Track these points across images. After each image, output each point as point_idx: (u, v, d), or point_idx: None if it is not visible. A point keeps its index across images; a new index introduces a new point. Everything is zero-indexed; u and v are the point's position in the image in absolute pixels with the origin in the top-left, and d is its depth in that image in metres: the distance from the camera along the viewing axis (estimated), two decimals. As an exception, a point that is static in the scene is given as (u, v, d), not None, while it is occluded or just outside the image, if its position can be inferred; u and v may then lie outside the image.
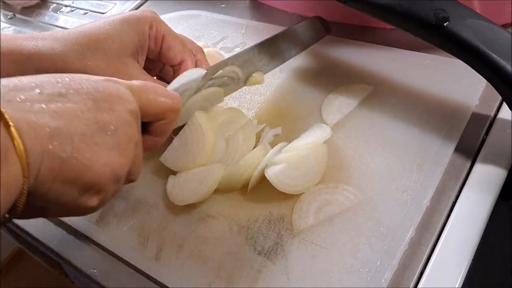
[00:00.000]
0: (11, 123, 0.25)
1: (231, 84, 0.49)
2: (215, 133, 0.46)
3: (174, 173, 0.46)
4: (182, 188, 0.45)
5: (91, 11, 0.84)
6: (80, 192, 0.30)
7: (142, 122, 0.36)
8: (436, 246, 0.37)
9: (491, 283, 0.37)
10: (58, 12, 0.87)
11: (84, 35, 0.42)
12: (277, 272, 0.39)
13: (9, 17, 0.90)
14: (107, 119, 0.31)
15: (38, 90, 0.29)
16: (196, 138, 0.45)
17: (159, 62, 0.50)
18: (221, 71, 0.46)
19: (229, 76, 0.47)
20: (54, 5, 0.89)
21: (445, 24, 0.39)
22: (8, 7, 0.92)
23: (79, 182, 0.29)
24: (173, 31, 0.48)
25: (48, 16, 0.86)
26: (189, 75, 0.42)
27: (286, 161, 0.42)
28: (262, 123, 0.50)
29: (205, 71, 0.44)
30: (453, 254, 0.36)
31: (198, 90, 0.45)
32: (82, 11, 0.84)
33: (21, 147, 0.26)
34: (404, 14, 0.41)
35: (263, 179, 0.43)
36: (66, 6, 0.87)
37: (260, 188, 0.44)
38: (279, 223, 0.42)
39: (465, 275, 0.35)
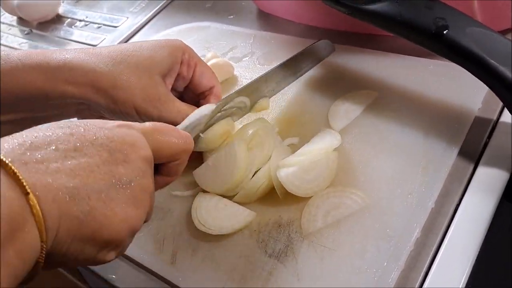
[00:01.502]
0: (29, 191, 0.25)
1: (239, 113, 0.50)
2: (247, 162, 0.46)
3: (194, 186, 0.48)
4: (210, 216, 0.45)
5: (104, 25, 0.86)
6: (98, 249, 0.30)
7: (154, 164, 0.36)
8: (441, 247, 0.38)
9: (494, 283, 0.38)
10: (72, 26, 0.90)
11: (117, 50, 0.43)
12: (288, 273, 0.40)
13: (26, 32, 0.94)
14: (122, 172, 0.31)
15: (53, 147, 0.28)
16: (228, 166, 0.45)
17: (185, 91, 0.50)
18: (231, 103, 0.48)
19: (238, 106, 0.49)
20: (69, 20, 0.92)
21: (444, 32, 0.41)
22: (24, 23, 0.95)
23: (97, 240, 0.29)
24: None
25: (63, 30, 0.89)
26: (199, 112, 0.43)
27: (298, 164, 0.44)
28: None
29: (215, 106, 0.45)
30: (457, 255, 0.38)
31: (208, 123, 0.46)
32: (96, 25, 0.87)
33: (40, 213, 0.25)
34: (405, 23, 0.43)
35: (272, 185, 0.45)
36: (80, 20, 0.90)
37: (270, 193, 0.46)
38: (288, 227, 0.43)
39: (468, 275, 0.36)
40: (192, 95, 0.49)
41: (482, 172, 0.42)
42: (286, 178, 0.43)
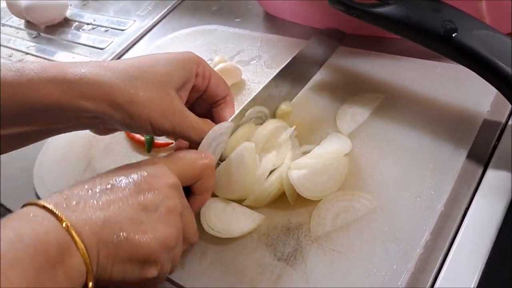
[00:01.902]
0: (68, 224, 0.31)
1: (260, 122, 0.51)
2: (256, 165, 0.46)
3: None
4: (219, 220, 0.45)
5: (111, 28, 0.87)
6: (139, 267, 0.34)
7: (186, 186, 0.40)
8: (450, 250, 0.38)
9: (505, 286, 0.38)
10: (80, 30, 0.91)
11: (133, 65, 0.43)
12: (297, 277, 0.40)
13: (33, 36, 0.95)
14: (149, 199, 0.35)
15: (90, 191, 0.35)
16: (238, 171, 0.45)
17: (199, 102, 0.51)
18: (246, 114, 0.49)
19: (257, 116, 0.50)
20: (76, 23, 0.93)
21: (453, 35, 0.41)
22: (32, 26, 0.96)
23: (134, 259, 0.33)
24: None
25: (71, 34, 0.90)
26: (218, 130, 0.45)
27: (310, 167, 0.44)
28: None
29: (232, 123, 0.46)
30: (467, 258, 0.37)
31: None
32: (103, 29, 0.88)
33: (80, 241, 0.31)
34: (413, 25, 0.43)
35: (283, 190, 0.45)
36: (87, 24, 0.91)
37: (279, 197, 0.46)
38: (297, 230, 0.43)
39: (479, 279, 0.36)
40: (204, 103, 0.50)
41: (491, 175, 0.42)
42: (298, 180, 0.44)
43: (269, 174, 0.46)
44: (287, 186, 0.45)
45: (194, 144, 0.45)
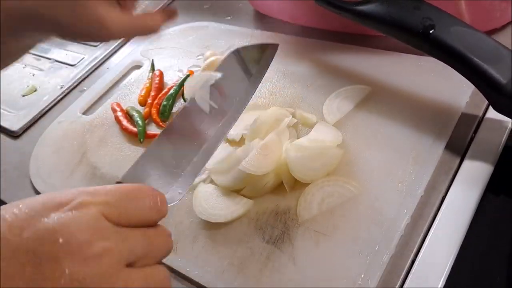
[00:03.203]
0: None
1: None
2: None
3: None
4: (210, 205, 0.47)
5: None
6: None
7: None
8: (429, 234, 0.41)
9: (477, 267, 0.40)
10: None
11: None
12: (285, 258, 0.43)
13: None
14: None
15: None
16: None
17: None
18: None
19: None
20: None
21: (431, 32, 0.43)
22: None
23: None
24: None
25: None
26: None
27: (307, 151, 0.46)
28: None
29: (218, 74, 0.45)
30: (444, 241, 0.40)
31: None
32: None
33: None
34: (393, 23, 0.45)
35: (280, 180, 0.48)
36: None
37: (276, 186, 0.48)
38: (285, 214, 0.46)
39: (454, 260, 0.39)
40: None
41: (468, 165, 0.45)
42: (293, 160, 0.46)
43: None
44: (285, 173, 0.47)
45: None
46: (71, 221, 0.25)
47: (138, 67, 0.74)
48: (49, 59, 0.85)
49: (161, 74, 0.68)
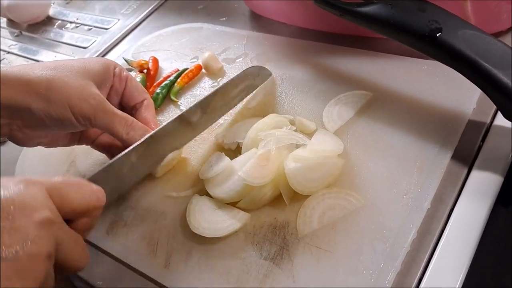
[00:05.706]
0: None
1: None
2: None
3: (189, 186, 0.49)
4: (205, 219, 0.45)
5: (95, 27, 0.86)
6: None
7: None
8: (436, 249, 0.39)
9: (489, 285, 0.38)
10: (63, 28, 0.89)
11: (50, 62, 0.46)
12: (283, 276, 0.40)
13: (15, 34, 0.93)
14: (7, 243, 0.28)
15: None
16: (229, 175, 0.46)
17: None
18: None
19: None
20: (59, 21, 0.91)
21: (437, 35, 0.41)
22: (14, 24, 0.94)
23: None
24: None
25: (53, 32, 0.89)
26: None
27: (307, 161, 0.44)
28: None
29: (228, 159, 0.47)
30: (453, 256, 0.38)
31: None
32: (87, 27, 0.87)
33: None
34: (397, 25, 0.43)
35: (278, 192, 0.45)
36: (70, 22, 0.90)
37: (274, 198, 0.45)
38: (284, 229, 0.43)
39: (464, 278, 0.36)
40: (125, 112, 0.49)
41: (476, 175, 0.42)
42: (292, 171, 0.43)
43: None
44: (283, 185, 0.44)
45: (122, 143, 0.46)
46: (25, 190, 0.31)
47: (129, 70, 0.71)
48: (38, 61, 0.83)
49: (155, 60, 0.68)
